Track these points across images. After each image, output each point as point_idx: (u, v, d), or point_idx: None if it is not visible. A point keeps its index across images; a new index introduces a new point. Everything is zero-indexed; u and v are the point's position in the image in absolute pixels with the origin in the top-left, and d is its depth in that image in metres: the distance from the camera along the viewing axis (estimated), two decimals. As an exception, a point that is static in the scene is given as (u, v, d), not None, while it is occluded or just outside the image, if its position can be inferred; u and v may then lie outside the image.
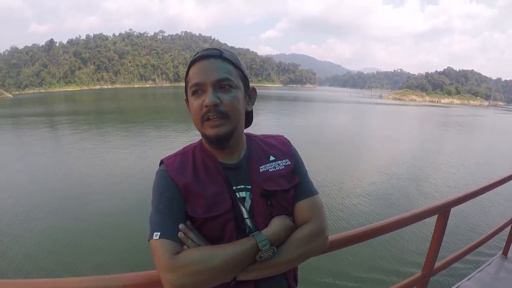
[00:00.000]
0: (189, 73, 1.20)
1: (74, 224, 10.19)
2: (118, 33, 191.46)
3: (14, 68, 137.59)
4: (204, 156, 1.27)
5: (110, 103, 68.13)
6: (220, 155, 1.26)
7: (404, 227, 2.09)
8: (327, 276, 7.63)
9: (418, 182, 15.58)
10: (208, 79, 1.15)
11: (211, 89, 1.15)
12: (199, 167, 1.25)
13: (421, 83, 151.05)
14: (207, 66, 1.17)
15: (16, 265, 7.98)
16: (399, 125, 42.14)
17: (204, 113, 1.16)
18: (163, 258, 1.08)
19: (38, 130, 29.60)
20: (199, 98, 1.16)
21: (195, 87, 1.17)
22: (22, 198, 12.41)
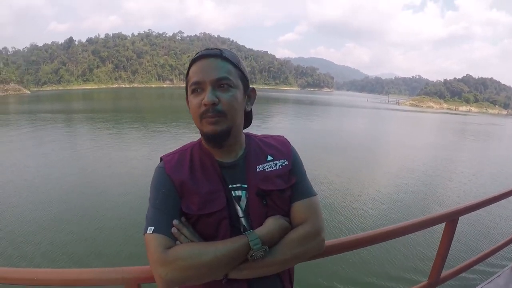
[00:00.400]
0: (189, 72, 1.22)
1: (82, 218, 10.46)
2: (137, 32, 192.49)
3: (33, 65, 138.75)
4: (201, 154, 1.28)
5: (128, 102, 68.44)
6: (217, 153, 1.27)
7: (411, 233, 2.09)
8: (328, 281, 7.55)
9: (429, 189, 15.28)
10: (207, 77, 1.17)
11: (210, 88, 1.16)
12: (196, 165, 1.26)
13: (439, 90, 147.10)
14: (207, 65, 1.18)
15: (22, 253, 8.32)
16: (414, 131, 41.13)
17: (202, 111, 1.17)
18: (155, 252, 1.10)
19: (54, 127, 29.84)
20: (198, 96, 1.18)
21: (195, 85, 1.18)
22: (35, 192, 12.78)
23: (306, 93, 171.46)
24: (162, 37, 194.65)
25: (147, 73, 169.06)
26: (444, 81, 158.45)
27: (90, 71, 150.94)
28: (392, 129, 42.01)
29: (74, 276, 1.40)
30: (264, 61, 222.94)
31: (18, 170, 15.66)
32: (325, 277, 7.57)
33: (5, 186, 13.23)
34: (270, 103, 75.88)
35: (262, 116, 43.86)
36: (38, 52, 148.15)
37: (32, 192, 12.80)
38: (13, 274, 1.43)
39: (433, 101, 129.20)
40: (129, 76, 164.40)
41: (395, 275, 7.86)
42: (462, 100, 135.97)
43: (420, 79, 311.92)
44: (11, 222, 10.08)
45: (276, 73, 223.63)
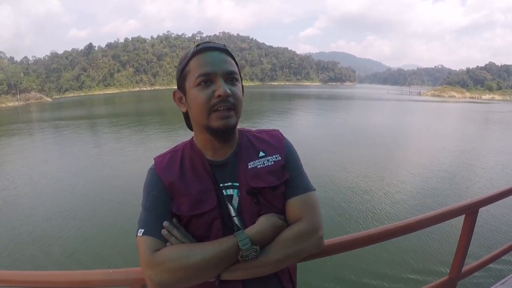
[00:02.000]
0: (191, 64, 1.17)
1: (89, 221, 10.77)
2: (156, 35, 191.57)
3: (54, 73, 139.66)
4: (192, 154, 1.26)
5: (150, 104, 68.84)
6: (209, 152, 1.25)
7: (429, 226, 2.05)
8: (346, 278, 7.38)
9: (449, 181, 14.67)
10: (219, 69, 1.14)
11: (222, 80, 1.14)
12: (186, 165, 1.24)
13: (462, 79, 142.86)
14: (215, 57, 1.16)
15: (28, 256, 8.70)
16: (435, 122, 38.58)
17: (213, 104, 1.13)
18: (144, 255, 1.10)
19: (75, 133, 30.88)
20: (207, 88, 1.14)
21: (203, 77, 1.13)
22: (44, 197, 13.34)
23: (328, 87, 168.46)
24: (181, 38, 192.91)
25: (167, 75, 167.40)
26: (467, 70, 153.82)
27: (111, 75, 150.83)
28: (411, 120, 40.35)
29: (79, 278, 1.44)
30: (285, 57, 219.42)
31: (34, 175, 16.46)
32: (336, 274, 7.45)
33: (15, 192, 14.00)
34: (292, 99, 75.53)
35: (284, 112, 43.60)
36: (58, 59, 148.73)
37: (41, 197, 13.31)
38: (21, 277, 1.49)
39: (455, 91, 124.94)
40: (150, 79, 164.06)
41: (415, 269, 7.69)
42: (485, 88, 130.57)
43: (442, 69, 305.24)
44: (20, 225, 10.60)
45: (297, 69, 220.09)
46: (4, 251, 9.09)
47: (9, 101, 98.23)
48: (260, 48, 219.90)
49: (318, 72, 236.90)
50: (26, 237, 9.79)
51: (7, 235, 9.99)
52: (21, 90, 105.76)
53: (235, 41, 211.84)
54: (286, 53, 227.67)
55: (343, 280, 7.35)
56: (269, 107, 50.84)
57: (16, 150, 23.98)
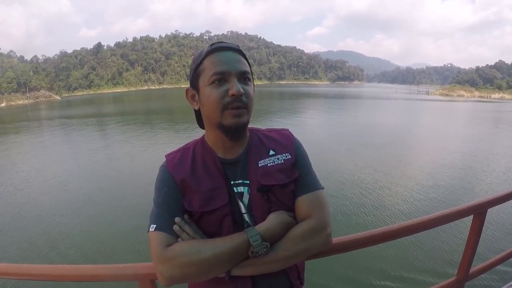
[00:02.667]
0: (205, 63, 1.18)
1: (100, 216, 10.86)
2: (164, 34, 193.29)
3: (64, 71, 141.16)
4: (203, 152, 1.27)
5: (159, 103, 68.59)
6: (220, 150, 1.27)
7: (437, 226, 2.04)
8: (351, 277, 7.38)
9: (457, 182, 14.28)
10: (233, 69, 1.16)
11: (235, 79, 1.16)
12: (197, 163, 1.25)
13: (471, 78, 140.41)
14: (230, 57, 1.18)
15: (39, 251, 8.78)
16: (443, 122, 37.58)
17: (227, 102, 1.15)
18: (156, 250, 1.12)
19: (86, 131, 31.07)
20: (221, 87, 1.15)
21: (218, 75, 1.15)
22: (55, 193, 13.50)
23: (336, 86, 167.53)
24: (189, 37, 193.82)
25: (176, 74, 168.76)
26: (476, 69, 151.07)
27: (119, 74, 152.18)
28: (419, 120, 38.92)
29: (90, 272, 1.47)
30: (293, 56, 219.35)
31: (42, 172, 16.65)
32: (344, 274, 7.41)
33: (26, 187, 14.19)
34: (300, 98, 75.13)
35: (292, 111, 43.63)
36: (68, 58, 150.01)
37: (51, 193, 13.44)
38: (34, 271, 1.53)
39: (464, 90, 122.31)
40: (158, 77, 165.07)
41: (422, 270, 7.58)
42: (494, 87, 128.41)
43: (452, 68, 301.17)
44: (31, 221, 10.66)
45: (305, 68, 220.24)
46: (14, 246, 9.19)
47: (18, 99, 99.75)
48: (268, 47, 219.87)
49: (326, 71, 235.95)
50: (34, 232, 9.88)
51: (17, 230, 10.14)
52: (30, 89, 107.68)
53: (243, 40, 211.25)
54: (294, 52, 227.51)
55: (350, 279, 7.34)
56: (278, 106, 50.40)
57: (27, 147, 24.22)
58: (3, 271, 1.53)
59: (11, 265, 1.65)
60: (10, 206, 12.01)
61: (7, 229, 10.19)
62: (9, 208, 11.83)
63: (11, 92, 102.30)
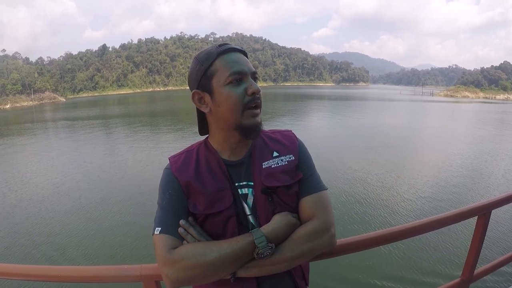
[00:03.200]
0: (217, 64, 1.18)
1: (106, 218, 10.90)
2: (169, 36, 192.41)
3: (69, 73, 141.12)
4: (207, 154, 1.28)
5: (164, 104, 69.01)
6: (224, 152, 1.27)
7: (441, 228, 2.04)
8: (354, 278, 7.35)
9: (461, 183, 14.07)
10: (247, 69, 1.18)
11: (251, 79, 1.18)
12: (201, 165, 1.26)
13: (477, 79, 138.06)
14: (241, 58, 1.20)
15: (43, 252, 8.85)
16: (447, 123, 37.09)
17: (248, 101, 1.17)
18: (161, 253, 1.12)
19: (91, 133, 31.00)
20: (240, 86, 1.17)
21: (238, 75, 1.16)
22: (58, 195, 13.36)
23: (340, 88, 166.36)
24: (194, 39, 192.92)
25: (181, 76, 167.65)
26: (481, 70, 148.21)
27: (124, 76, 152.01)
28: (423, 121, 38.54)
29: (95, 273, 1.49)
30: (298, 58, 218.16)
31: (46, 172, 16.85)
32: (349, 275, 7.41)
33: (30, 188, 14.30)
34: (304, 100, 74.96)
35: (297, 113, 43.89)
36: (73, 60, 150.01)
37: (55, 193, 13.44)
38: (38, 272, 1.54)
39: (469, 91, 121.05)
40: (163, 79, 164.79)
41: (426, 271, 7.55)
42: (499, 88, 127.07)
43: (457, 69, 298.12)
44: (35, 222, 10.73)
45: (310, 70, 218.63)
46: (18, 246, 9.27)
47: (23, 101, 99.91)
48: (273, 48, 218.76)
49: (331, 73, 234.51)
50: (38, 233, 9.96)
51: (22, 231, 10.19)
52: (35, 90, 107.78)
53: (248, 42, 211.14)
54: (299, 53, 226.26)
55: (354, 280, 7.32)
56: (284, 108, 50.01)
57: (32, 148, 24.47)
58: (8, 272, 1.54)
59: (15, 266, 1.66)
60: (14, 207, 12.10)
61: (11, 229, 10.28)
62: (13, 209, 11.94)
63: (16, 94, 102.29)
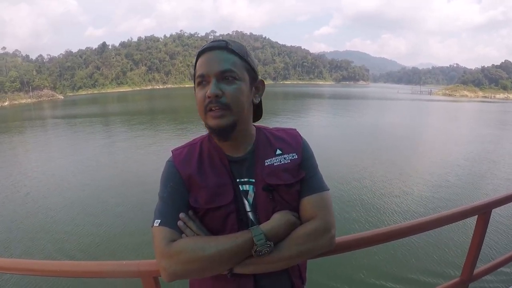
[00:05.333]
0: (196, 65, 1.21)
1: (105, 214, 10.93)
2: (169, 34, 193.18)
3: (69, 71, 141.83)
4: (210, 148, 1.28)
5: (163, 102, 69.69)
6: (226, 147, 1.27)
7: (441, 227, 2.05)
8: (350, 277, 7.30)
9: (460, 183, 13.96)
10: (211, 70, 1.16)
11: (214, 80, 1.16)
12: (204, 159, 1.26)
13: (477, 78, 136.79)
14: (211, 57, 1.18)
15: (41, 247, 8.85)
16: (444, 123, 36.75)
17: (206, 104, 1.16)
18: (160, 245, 1.12)
19: (89, 130, 31.16)
20: (203, 89, 1.17)
21: (200, 78, 1.18)
22: (58, 190, 13.50)
23: (340, 86, 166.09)
24: (194, 37, 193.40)
25: (180, 74, 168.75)
26: (482, 69, 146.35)
27: (123, 74, 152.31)
28: (418, 121, 37.79)
29: (93, 268, 1.50)
30: (298, 56, 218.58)
31: (45, 169, 16.88)
32: (347, 273, 7.37)
33: (29, 184, 14.37)
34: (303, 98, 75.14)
35: (297, 112, 43.83)
36: (73, 58, 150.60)
37: (54, 190, 13.50)
38: (41, 266, 1.55)
39: (468, 90, 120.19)
40: (163, 77, 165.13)
41: (426, 270, 7.49)
42: (499, 87, 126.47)
43: (458, 68, 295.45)
44: (34, 218, 10.76)
45: (310, 68, 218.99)
46: (17, 241, 9.35)
47: (21, 98, 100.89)
48: (273, 47, 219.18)
49: (331, 71, 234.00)
50: (36, 229, 9.99)
51: (20, 226, 10.27)
52: (33, 88, 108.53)
53: (248, 40, 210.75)
54: (299, 52, 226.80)
55: (352, 279, 7.26)
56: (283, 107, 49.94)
57: (30, 145, 24.62)
58: (9, 266, 1.57)
59: (16, 260, 1.66)
60: (14, 203, 12.18)
61: (10, 225, 10.35)
62: (13, 205, 12.01)
63: (14, 91, 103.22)
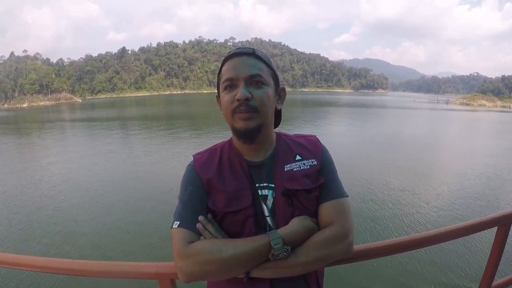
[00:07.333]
0: (222, 70, 1.24)
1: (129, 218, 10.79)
2: (188, 40, 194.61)
3: (88, 75, 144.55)
4: (231, 153, 1.30)
5: (180, 107, 69.74)
6: (247, 152, 1.29)
7: (459, 237, 1.98)
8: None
9: (483, 193, 13.40)
10: (240, 74, 1.19)
11: (243, 84, 1.18)
12: (224, 163, 1.28)
13: (497, 87, 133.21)
14: (240, 62, 1.21)
15: (59, 246, 8.95)
16: (460, 133, 34.62)
17: (235, 107, 1.18)
18: (178, 246, 1.14)
19: (107, 133, 30.91)
20: (231, 92, 1.19)
21: (228, 81, 1.20)
22: (82, 192, 13.39)
23: (358, 95, 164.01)
24: (213, 43, 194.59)
25: (198, 80, 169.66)
26: (502, 78, 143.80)
27: (142, 79, 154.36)
28: (433, 131, 35.12)
29: (112, 269, 1.52)
30: (316, 63, 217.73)
31: (67, 171, 16.87)
32: (364, 283, 7.14)
33: (49, 185, 14.32)
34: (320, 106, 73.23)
35: (315, 119, 42.47)
36: (92, 62, 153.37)
37: (73, 191, 13.39)
38: (58, 264, 1.57)
39: (486, 99, 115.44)
40: (181, 82, 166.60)
41: (443, 282, 7.23)
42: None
43: (478, 77, 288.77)
44: (61, 220, 10.68)
45: (328, 76, 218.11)
46: (36, 240, 9.39)
47: (40, 100, 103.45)
48: (291, 54, 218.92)
49: (350, 79, 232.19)
50: (54, 229, 10.05)
51: (40, 227, 10.22)
52: (52, 90, 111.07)
53: (266, 47, 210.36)
54: (318, 59, 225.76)
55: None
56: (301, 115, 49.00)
57: (49, 146, 24.92)
58: (29, 264, 1.59)
59: (35, 258, 1.64)
60: (34, 204, 12.16)
61: (29, 224, 10.40)
62: (33, 205, 12.02)
63: (33, 94, 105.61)
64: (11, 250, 8.72)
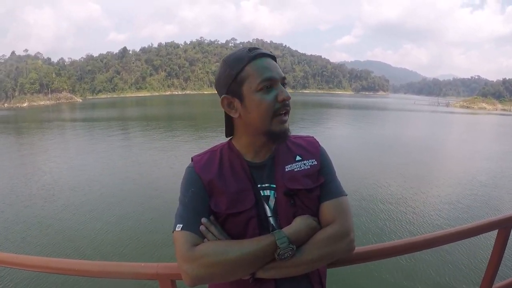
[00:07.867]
0: (248, 69, 1.18)
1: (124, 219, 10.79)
2: (189, 41, 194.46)
3: (89, 74, 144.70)
4: (230, 155, 1.29)
5: (181, 108, 70.13)
6: (247, 153, 1.29)
7: (459, 240, 2.01)
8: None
9: (480, 197, 13.51)
10: (278, 75, 1.18)
11: (280, 85, 1.19)
12: (225, 165, 1.27)
13: (498, 90, 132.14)
14: (271, 63, 1.19)
15: (59, 247, 9.03)
16: (460, 136, 34.69)
17: (278, 108, 1.17)
18: (182, 249, 1.12)
19: (106, 132, 31.52)
20: (270, 93, 1.17)
21: (268, 81, 1.17)
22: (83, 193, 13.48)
23: (359, 97, 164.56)
24: (214, 44, 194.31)
25: (199, 80, 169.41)
26: (503, 81, 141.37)
27: (143, 79, 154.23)
28: (433, 133, 35.59)
29: (112, 269, 1.51)
30: (317, 65, 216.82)
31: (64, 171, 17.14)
32: (365, 285, 7.28)
33: (49, 186, 14.40)
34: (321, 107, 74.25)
35: (315, 121, 43.13)
36: (93, 62, 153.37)
37: (78, 191, 13.56)
38: (60, 265, 1.57)
39: (486, 102, 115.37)
40: (182, 83, 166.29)
41: (443, 284, 7.35)
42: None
43: (479, 80, 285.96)
44: (61, 219, 10.79)
45: (329, 77, 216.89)
46: (36, 240, 9.47)
47: (40, 100, 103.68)
48: (293, 55, 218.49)
49: (351, 81, 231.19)
50: (55, 230, 10.07)
51: (39, 227, 10.32)
52: (52, 90, 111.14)
53: (267, 48, 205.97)
54: (319, 61, 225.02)
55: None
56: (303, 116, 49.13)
57: (49, 146, 25.11)
58: (29, 263, 1.59)
59: (36, 258, 1.66)
60: (34, 204, 12.25)
61: (29, 224, 10.48)
62: (32, 204, 12.17)
63: (33, 93, 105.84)
64: (11, 250, 8.57)
